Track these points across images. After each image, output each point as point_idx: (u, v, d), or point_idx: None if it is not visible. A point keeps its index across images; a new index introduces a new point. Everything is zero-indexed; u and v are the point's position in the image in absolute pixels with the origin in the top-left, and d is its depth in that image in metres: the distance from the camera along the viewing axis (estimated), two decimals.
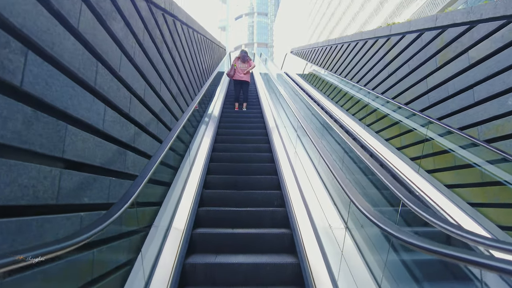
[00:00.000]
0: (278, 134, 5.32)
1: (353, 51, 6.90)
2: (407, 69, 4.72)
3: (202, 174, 3.95)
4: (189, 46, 4.94)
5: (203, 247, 2.86)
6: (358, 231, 2.55)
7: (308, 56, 11.36)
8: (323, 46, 9.37)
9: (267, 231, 2.97)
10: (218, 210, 3.31)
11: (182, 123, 3.47)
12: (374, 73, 5.76)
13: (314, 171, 3.86)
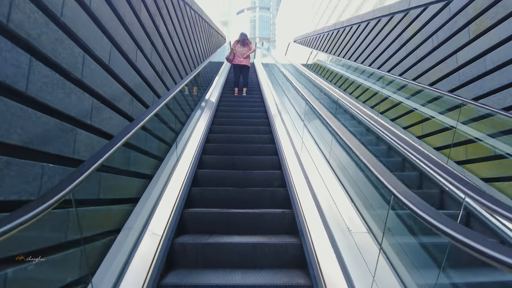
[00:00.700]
0: (280, 118, 4.71)
1: (364, 32, 6.25)
2: (430, 45, 4.08)
3: (196, 153, 3.57)
4: (180, 19, 4.31)
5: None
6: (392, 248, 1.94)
7: (313, 44, 10.69)
8: (329, 30, 8.70)
9: (267, 211, 2.65)
10: (213, 190, 2.98)
11: (172, 94, 2.87)
12: (389, 53, 5.12)
13: (325, 161, 3.25)
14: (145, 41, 2.80)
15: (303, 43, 12.16)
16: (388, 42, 5.18)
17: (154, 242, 2.07)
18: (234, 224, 2.57)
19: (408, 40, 4.61)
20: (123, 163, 2.21)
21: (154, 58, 3.08)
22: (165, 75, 3.48)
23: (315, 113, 3.28)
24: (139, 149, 2.47)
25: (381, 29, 5.50)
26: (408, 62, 4.56)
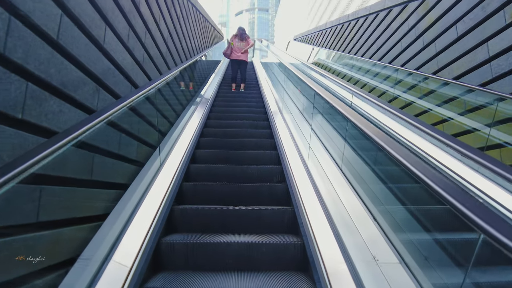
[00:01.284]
0: (280, 115, 4.20)
1: (372, 25, 5.75)
2: (453, 34, 3.57)
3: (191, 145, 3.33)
4: (169, 5, 3.78)
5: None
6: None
7: (315, 41, 10.19)
8: (333, 26, 8.20)
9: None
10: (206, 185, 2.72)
11: (157, 82, 2.33)
12: (403, 46, 4.62)
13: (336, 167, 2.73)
14: (118, 18, 2.27)
15: (304, 40, 11.67)
16: (401, 34, 4.68)
17: (138, 241, 1.82)
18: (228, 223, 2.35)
19: (425, 31, 4.10)
20: (81, 170, 1.68)
21: (133, 43, 2.55)
22: (148, 64, 2.95)
23: (322, 102, 2.77)
24: (106, 151, 1.94)
25: (392, 20, 4.99)
26: (426, 55, 4.05)
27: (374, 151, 1.96)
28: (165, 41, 3.59)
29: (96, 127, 1.59)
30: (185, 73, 4.22)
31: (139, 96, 2.12)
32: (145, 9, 2.86)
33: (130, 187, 2.18)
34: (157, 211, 2.12)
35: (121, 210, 1.92)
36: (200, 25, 6.72)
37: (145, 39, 2.87)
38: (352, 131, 2.37)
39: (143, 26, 2.81)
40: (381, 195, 2.05)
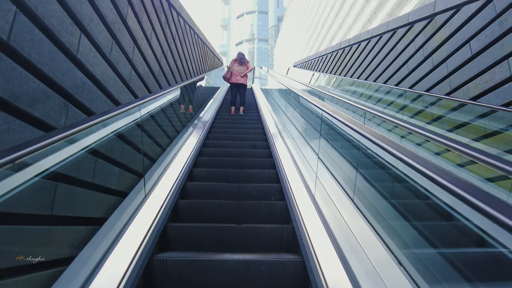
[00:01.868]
0: (280, 138, 3.87)
1: (376, 48, 5.57)
2: (467, 53, 3.33)
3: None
4: (162, 22, 3.57)
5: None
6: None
7: (316, 66, 10.11)
8: (334, 51, 8.10)
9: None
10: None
11: (143, 101, 2.00)
12: (410, 68, 4.39)
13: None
14: (97, 26, 2.00)
15: (304, 67, 11.62)
16: (408, 55, 4.47)
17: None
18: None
19: (434, 50, 3.88)
20: (37, 202, 1.33)
21: (116, 57, 2.28)
22: (136, 83, 2.66)
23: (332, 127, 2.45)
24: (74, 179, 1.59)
25: (397, 42, 4.81)
26: (436, 76, 3.80)
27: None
28: (158, 60, 3.34)
29: (50, 146, 1.25)
30: (180, 93, 3.94)
31: (117, 114, 1.80)
32: (134, 23, 2.62)
33: (103, 226, 1.80)
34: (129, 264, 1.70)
35: (85, 261, 1.53)
36: (198, 48, 6.57)
37: (133, 55, 2.60)
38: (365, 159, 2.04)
39: (130, 41, 2.55)
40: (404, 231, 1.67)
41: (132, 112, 2.19)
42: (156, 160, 2.89)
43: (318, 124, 3.08)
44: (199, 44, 6.53)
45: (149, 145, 2.72)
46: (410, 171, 1.45)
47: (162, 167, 2.90)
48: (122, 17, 2.36)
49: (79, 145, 1.55)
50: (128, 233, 1.91)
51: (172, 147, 3.37)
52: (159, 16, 3.38)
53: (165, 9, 3.58)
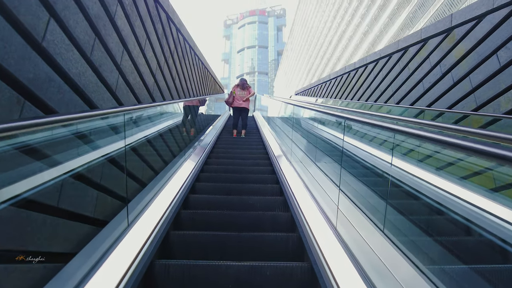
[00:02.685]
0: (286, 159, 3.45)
1: (384, 69, 5.32)
2: (494, 65, 3.01)
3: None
4: (159, 32, 3.29)
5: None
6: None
7: (318, 93, 9.91)
8: (337, 76, 7.90)
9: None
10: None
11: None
12: (425, 87, 4.07)
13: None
14: (74, 16, 1.66)
15: (306, 94, 11.45)
16: (422, 73, 4.17)
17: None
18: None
19: (454, 65, 3.58)
20: None
21: (100, 57, 1.93)
22: (123, 92, 2.30)
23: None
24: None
25: (409, 60, 4.54)
26: (458, 92, 3.46)
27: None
28: (153, 73, 3.02)
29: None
30: (183, 113, 3.59)
31: (91, 116, 1.40)
32: (124, 25, 2.31)
33: (68, 265, 1.35)
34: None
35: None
36: (198, 70, 6.34)
37: (122, 60, 2.27)
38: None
39: (119, 43, 2.22)
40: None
41: (114, 123, 1.81)
42: (146, 185, 2.47)
43: (334, 148, 2.71)
44: (199, 66, 6.31)
45: (137, 165, 2.31)
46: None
47: (154, 192, 2.46)
48: (109, 14, 2.05)
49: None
50: (101, 275, 1.45)
51: (168, 170, 2.96)
52: (156, 26, 3.10)
53: (163, 21, 3.32)
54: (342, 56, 33.97)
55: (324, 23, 40.62)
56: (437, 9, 19.10)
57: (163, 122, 3.16)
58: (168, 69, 3.63)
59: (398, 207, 1.72)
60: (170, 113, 3.44)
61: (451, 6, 18.43)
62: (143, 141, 2.44)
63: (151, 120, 2.69)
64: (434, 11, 19.38)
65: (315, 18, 45.83)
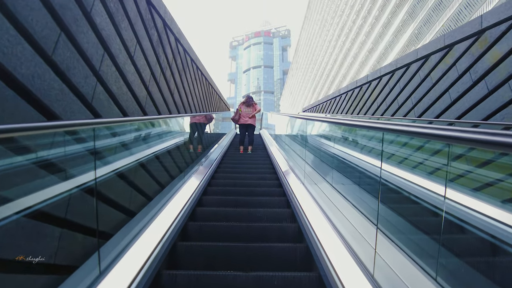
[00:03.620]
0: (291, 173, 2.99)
1: (402, 80, 4.90)
2: None
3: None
4: (165, 47, 2.93)
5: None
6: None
7: (327, 109, 9.51)
8: (348, 90, 7.50)
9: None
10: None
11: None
12: (452, 97, 3.63)
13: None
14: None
15: (314, 110, 11.07)
16: (448, 82, 3.74)
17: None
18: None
19: (489, 71, 3.14)
20: None
21: (67, 57, 1.54)
22: (104, 104, 1.90)
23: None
24: None
25: (431, 69, 4.12)
26: (496, 101, 3.01)
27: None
28: (145, 84, 2.63)
29: None
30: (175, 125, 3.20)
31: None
32: (105, 23, 1.94)
33: None
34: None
35: None
36: (201, 85, 5.99)
37: (101, 65, 1.88)
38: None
39: (98, 44, 1.84)
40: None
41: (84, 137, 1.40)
42: (152, 198, 2.04)
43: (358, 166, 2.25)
44: (202, 81, 5.97)
45: (142, 181, 1.89)
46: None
47: (160, 205, 2.05)
48: (82, 7, 1.67)
49: None
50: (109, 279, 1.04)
51: (174, 185, 2.56)
52: (149, 32, 2.74)
53: (158, 26, 2.97)
54: (348, 74, 33.86)
55: (328, 42, 40.92)
56: (443, 25, 18.92)
57: (168, 140, 3.08)
58: (165, 81, 3.25)
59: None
60: (174, 130, 3.28)
61: (457, 21, 18.26)
62: (151, 157, 2.43)
63: (145, 137, 2.32)
64: (439, 26, 19.19)
65: (320, 37, 46.30)
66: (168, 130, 3.02)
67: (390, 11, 24.66)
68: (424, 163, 1.66)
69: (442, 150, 1.52)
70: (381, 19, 26.17)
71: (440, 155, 1.52)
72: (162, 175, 2.79)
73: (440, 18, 19.32)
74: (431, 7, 19.81)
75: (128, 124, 1.96)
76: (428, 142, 1.62)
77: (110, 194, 1.74)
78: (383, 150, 1.81)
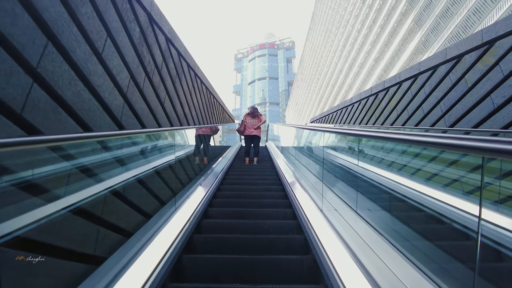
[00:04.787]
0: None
1: (428, 85, 4.32)
2: None
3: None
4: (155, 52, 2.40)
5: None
6: None
7: (337, 120, 8.94)
8: (361, 99, 6.93)
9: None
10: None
11: None
12: (495, 103, 3.03)
13: None
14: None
15: (323, 121, 10.50)
16: (490, 85, 3.14)
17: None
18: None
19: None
20: None
21: (28, 39, 0.99)
22: (90, 110, 1.35)
23: None
24: None
25: (466, 71, 3.53)
26: None
27: None
28: (122, 92, 2.08)
29: None
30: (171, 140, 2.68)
31: None
32: (50, 1, 1.39)
33: None
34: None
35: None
36: (200, 93, 5.45)
37: (41, 59, 1.33)
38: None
39: (35, 28, 1.30)
40: None
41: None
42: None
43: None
44: (202, 90, 5.44)
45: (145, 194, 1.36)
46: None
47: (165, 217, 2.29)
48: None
49: None
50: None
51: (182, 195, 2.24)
52: (127, 26, 2.20)
53: (141, 20, 2.44)
54: (354, 84, 33.36)
55: (333, 52, 40.65)
56: (451, 32, 18.38)
57: (172, 153, 2.99)
58: (152, 87, 2.71)
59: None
60: (178, 143, 3.26)
61: (465, 28, 17.72)
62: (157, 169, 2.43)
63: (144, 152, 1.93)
64: (447, 34, 18.65)
65: (324, 48, 46.11)
66: (170, 144, 2.95)
67: (396, 19, 24.25)
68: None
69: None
70: (387, 28, 25.74)
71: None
72: (166, 188, 2.77)
73: (447, 25, 18.79)
74: (438, 14, 19.33)
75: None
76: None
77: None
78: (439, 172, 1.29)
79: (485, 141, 0.88)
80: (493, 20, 14.53)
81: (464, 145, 0.97)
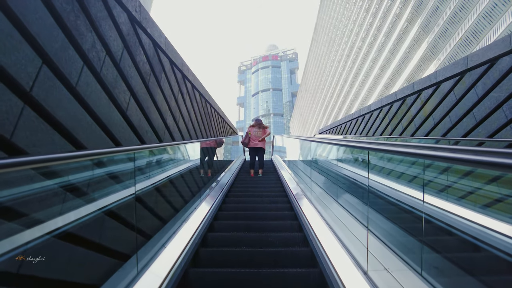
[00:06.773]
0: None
1: (455, 93, 3.95)
2: None
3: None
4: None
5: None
6: None
7: (347, 131, 8.57)
8: (375, 109, 6.56)
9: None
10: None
11: None
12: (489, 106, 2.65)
13: None
14: None
15: (332, 132, 10.14)
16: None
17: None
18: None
19: None
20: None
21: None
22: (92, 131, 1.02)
23: None
24: None
25: (505, 75, 3.16)
26: None
27: None
28: (115, 101, 1.76)
29: None
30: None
31: None
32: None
33: None
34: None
35: None
36: (197, 104, 5.13)
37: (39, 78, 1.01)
38: None
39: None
40: None
41: None
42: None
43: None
44: (199, 101, 5.12)
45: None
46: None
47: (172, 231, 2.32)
48: None
49: None
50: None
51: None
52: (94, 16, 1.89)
53: (119, 19, 2.13)
54: (360, 94, 33.06)
55: (338, 62, 40.55)
56: (460, 38, 18.08)
57: (179, 166, 3.04)
58: (168, 108, 2.39)
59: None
60: (184, 157, 3.25)
61: (466, 46, 17.41)
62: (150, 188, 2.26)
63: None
64: (457, 40, 18.37)
65: (328, 58, 46.08)
66: (174, 158, 2.91)
67: (401, 27, 24.07)
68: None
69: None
70: (394, 34, 25.53)
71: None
72: (172, 202, 2.76)
73: (456, 31, 18.50)
74: (446, 20, 19.07)
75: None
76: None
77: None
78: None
79: None
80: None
81: None
